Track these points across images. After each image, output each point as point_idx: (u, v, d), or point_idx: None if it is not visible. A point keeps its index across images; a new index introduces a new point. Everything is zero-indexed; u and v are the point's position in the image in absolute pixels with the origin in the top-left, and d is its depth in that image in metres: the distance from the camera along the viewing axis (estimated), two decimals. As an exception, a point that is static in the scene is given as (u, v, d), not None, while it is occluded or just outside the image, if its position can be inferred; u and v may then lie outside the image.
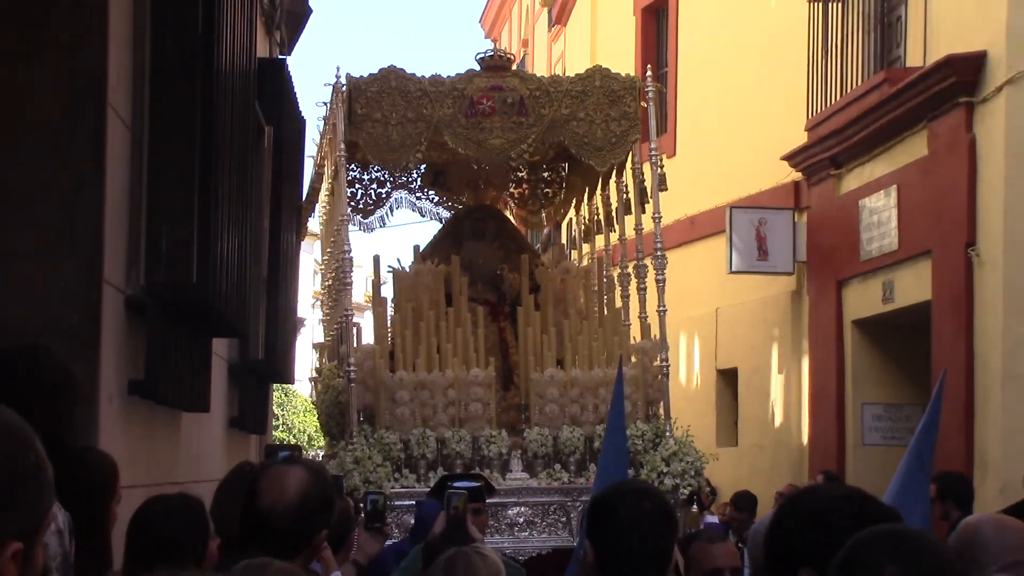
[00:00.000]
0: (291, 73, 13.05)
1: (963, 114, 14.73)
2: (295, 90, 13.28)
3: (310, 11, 16.94)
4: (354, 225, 14.71)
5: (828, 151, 17.90)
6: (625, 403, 13.05)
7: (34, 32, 6.50)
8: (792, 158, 18.88)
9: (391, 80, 13.33)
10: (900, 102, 15.75)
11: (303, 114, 13.95)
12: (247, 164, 9.13)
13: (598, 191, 15.35)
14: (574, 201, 16.58)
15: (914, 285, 16.08)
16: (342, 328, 13.94)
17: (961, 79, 14.62)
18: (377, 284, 15.12)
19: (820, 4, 18.24)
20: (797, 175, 19.21)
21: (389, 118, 13.25)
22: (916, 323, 15.83)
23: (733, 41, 21.28)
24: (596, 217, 15.56)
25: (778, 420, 19.93)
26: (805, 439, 19.04)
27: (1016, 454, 13.00)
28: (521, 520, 12.75)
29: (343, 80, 13.29)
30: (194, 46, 7.41)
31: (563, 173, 16.47)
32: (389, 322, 14.13)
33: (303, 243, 16.07)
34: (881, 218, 16.70)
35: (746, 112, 20.54)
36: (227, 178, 7.90)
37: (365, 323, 15.26)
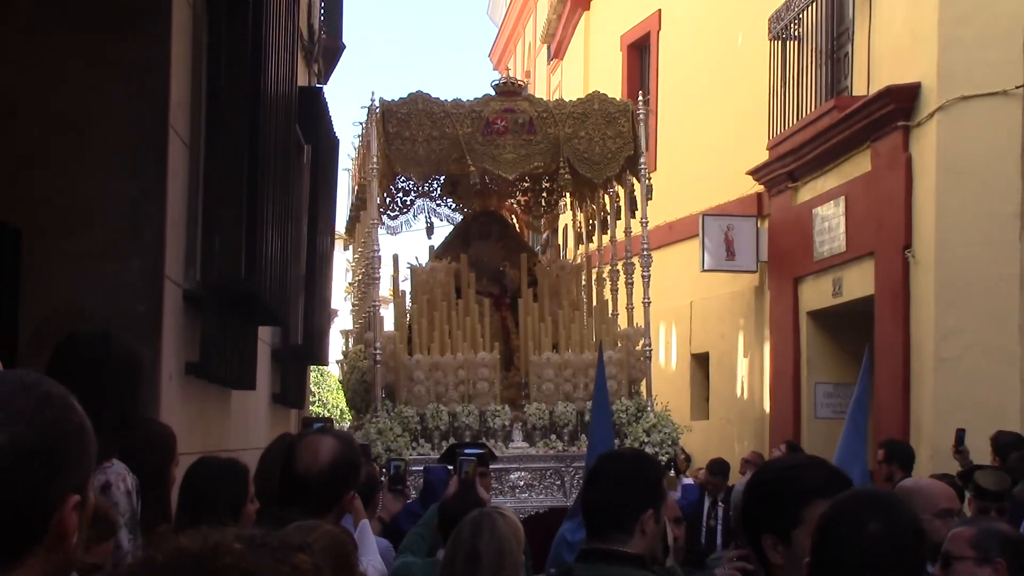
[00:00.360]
0: (327, 99, 13.08)
1: (901, 136, 14.75)
2: (330, 114, 13.28)
3: (343, 47, 16.97)
4: (381, 228, 14.63)
5: (786, 167, 17.90)
6: (610, 382, 13.08)
7: (107, 65, 6.52)
8: (755, 173, 18.88)
9: (418, 103, 13.24)
10: (847, 125, 15.76)
11: (336, 135, 13.95)
12: (288, 177, 9.13)
13: (593, 198, 15.36)
14: (570, 207, 16.55)
15: (859, 282, 16.09)
16: (369, 316, 13.93)
17: (899, 106, 14.64)
18: (397, 279, 15.05)
19: (779, 42, 18.24)
20: (760, 187, 19.21)
21: (416, 136, 13.13)
22: (861, 314, 15.83)
23: (705, 73, 21.28)
24: (591, 221, 15.55)
25: (743, 397, 19.93)
26: (767, 413, 19.04)
27: (945, 426, 12.99)
28: (521, 483, 12.70)
29: (377, 103, 13.24)
30: (243, 76, 7.43)
31: (561, 184, 16.40)
32: (407, 312, 14.13)
33: (337, 245, 16.03)
34: (831, 224, 16.70)
35: (716, 133, 20.53)
36: (271, 189, 7.90)
37: (387, 314, 15.22)
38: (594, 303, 14.60)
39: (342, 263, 17.62)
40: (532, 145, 13.43)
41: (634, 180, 13.98)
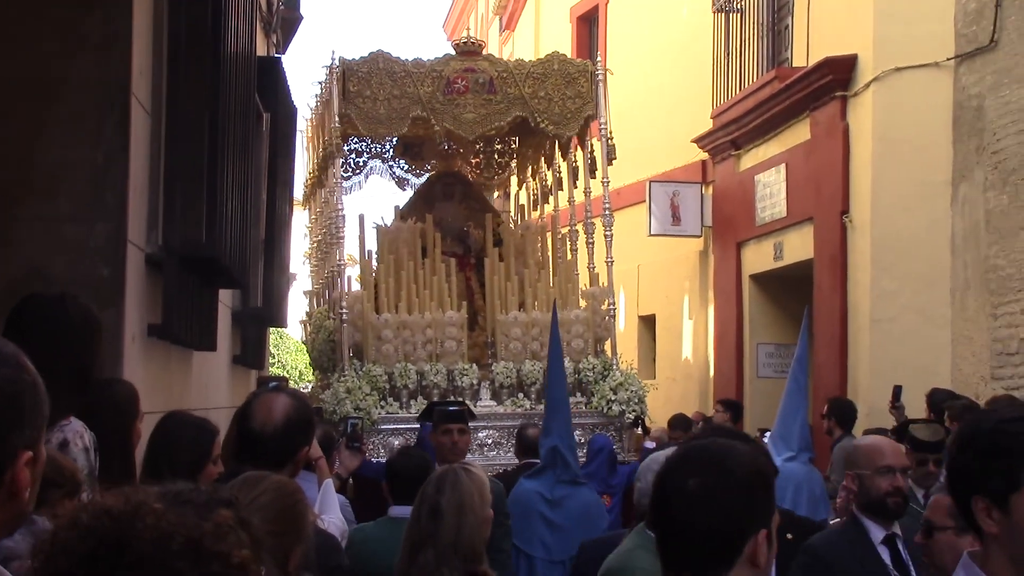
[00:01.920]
0: (285, 69, 12.97)
1: (838, 106, 14.84)
2: (288, 83, 13.18)
3: (301, 18, 16.84)
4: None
5: (729, 135, 17.95)
6: (578, 340, 13.03)
7: (71, 35, 6.46)
8: (700, 141, 18.93)
9: (379, 62, 13.03)
10: (788, 95, 15.83)
11: (295, 104, 13.84)
12: (248, 144, 9.06)
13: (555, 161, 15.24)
14: (525, 169, 16.41)
15: (799, 246, 16.17)
16: (332, 276, 13.81)
17: (837, 77, 14.74)
18: (363, 238, 14.78)
19: (722, 14, 18.27)
20: (704, 155, 19.25)
21: (377, 95, 12.93)
22: (801, 277, 15.92)
23: (651, 44, 21.29)
24: (547, 183, 15.48)
25: (689, 357, 20.00)
26: (711, 373, 19.13)
27: (880, 383, 13.12)
28: (490, 441, 12.55)
29: (337, 62, 13.06)
30: (204, 45, 7.37)
31: (514, 146, 16.28)
32: (374, 271, 13.93)
33: (295, 210, 15.89)
34: (773, 190, 16.77)
35: (662, 103, 20.55)
36: (231, 156, 7.85)
37: (351, 274, 15.04)
38: (559, 263, 14.49)
39: (300, 228, 17.47)
40: (492, 105, 13.28)
41: (594, 141, 13.93)
